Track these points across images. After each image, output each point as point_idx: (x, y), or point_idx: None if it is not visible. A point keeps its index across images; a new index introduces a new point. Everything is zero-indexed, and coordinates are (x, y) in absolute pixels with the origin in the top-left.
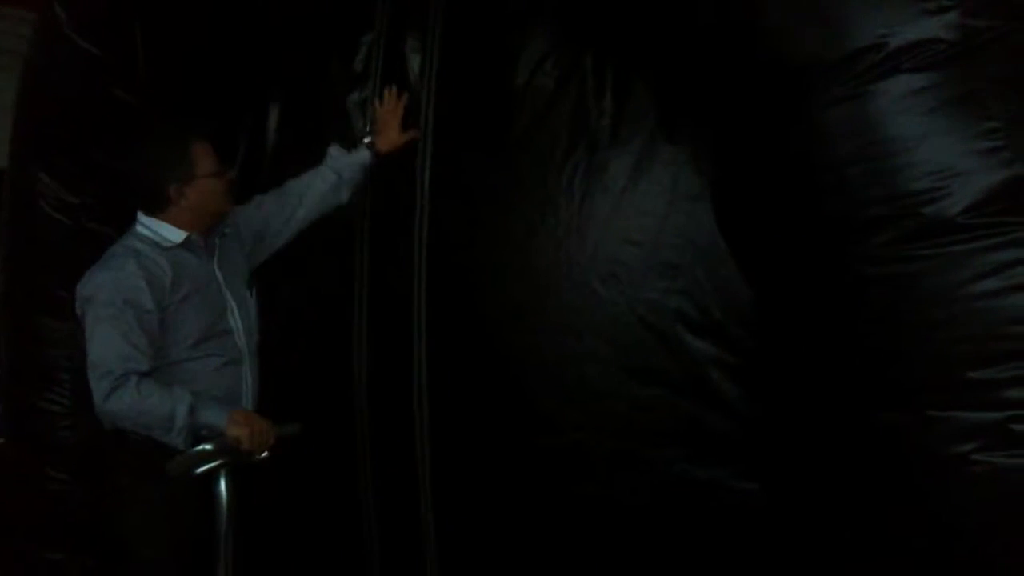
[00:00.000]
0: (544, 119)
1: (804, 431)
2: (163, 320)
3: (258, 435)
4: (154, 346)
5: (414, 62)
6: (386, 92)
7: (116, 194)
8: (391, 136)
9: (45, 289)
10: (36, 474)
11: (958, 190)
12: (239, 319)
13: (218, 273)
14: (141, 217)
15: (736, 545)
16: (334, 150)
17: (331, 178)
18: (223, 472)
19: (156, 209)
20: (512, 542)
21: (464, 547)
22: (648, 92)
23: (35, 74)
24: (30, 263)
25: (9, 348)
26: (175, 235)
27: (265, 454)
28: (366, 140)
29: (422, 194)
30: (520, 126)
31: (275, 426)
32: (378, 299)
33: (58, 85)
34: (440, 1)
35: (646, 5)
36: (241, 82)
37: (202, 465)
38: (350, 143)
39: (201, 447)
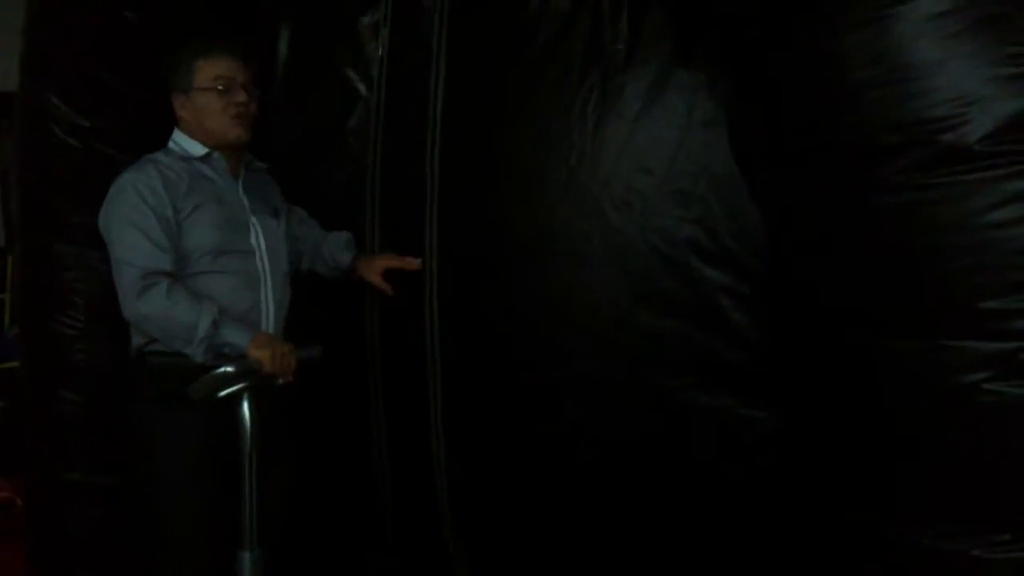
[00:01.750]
0: (558, 43)
1: (814, 360)
2: (180, 225)
3: (279, 358)
4: (174, 250)
5: None
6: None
7: (128, 118)
8: (375, 268)
9: (57, 213)
10: (51, 396)
11: (977, 117)
12: (263, 241)
13: (243, 195)
14: (174, 132)
15: (743, 474)
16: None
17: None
18: (246, 395)
19: (176, 122)
20: (522, 472)
21: (474, 477)
22: (664, 16)
23: None
24: (42, 188)
25: (22, 272)
26: (196, 149)
27: (286, 379)
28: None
29: (434, 120)
30: (534, 49)
31: (296, 349)
32: (389, 232)
33: (68, 7)
34: None
35: None
36: (252, 6)
37: (224, 388)
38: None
39: (223, 369)
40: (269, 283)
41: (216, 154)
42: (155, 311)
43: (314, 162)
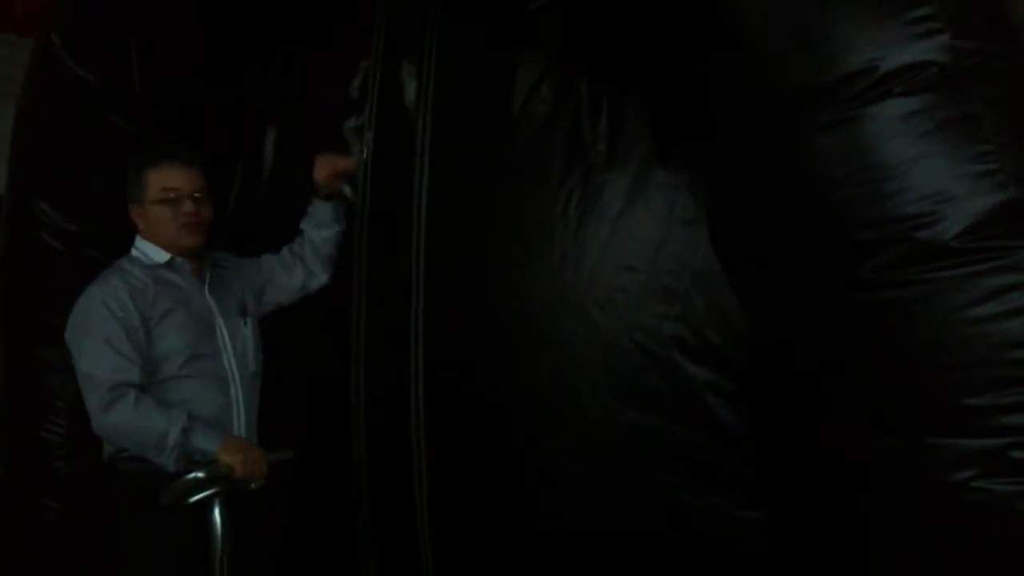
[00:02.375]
0: (539, 144)
1: (801, 457)
2: (149, 333)
3: (251, 463)
4: (142, 358)
5: (410, 88)
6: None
7: (113, 221)
8: (326, 184)
9: (41, 317)
10: (30, 504)
11: (952, 214)
12: (228, 342)
13: (208, 297)
14: (136, 239)
15: (737, 574)
16: (308, 230)
17: (307, 248)
18: (217, 501)
19: (135, 229)
20: (509, 570)
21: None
22: (643, 117)
23: (32, 100)
24: (27, 291)
25: (5, 377)
26: (159, 255)
27: (258, 483)
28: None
29: (418, 221)
30: (515, 151)
31: (267, 453)
32: (374, 322)
33: (54, 111)
34: (435, 27)
35: (639, 31)
36: (238, 105)
37: (196, 494)
38: None
39: (194, 475)
40: (238, 384)
41: (179, 259)
42: (124, 423)
43: None
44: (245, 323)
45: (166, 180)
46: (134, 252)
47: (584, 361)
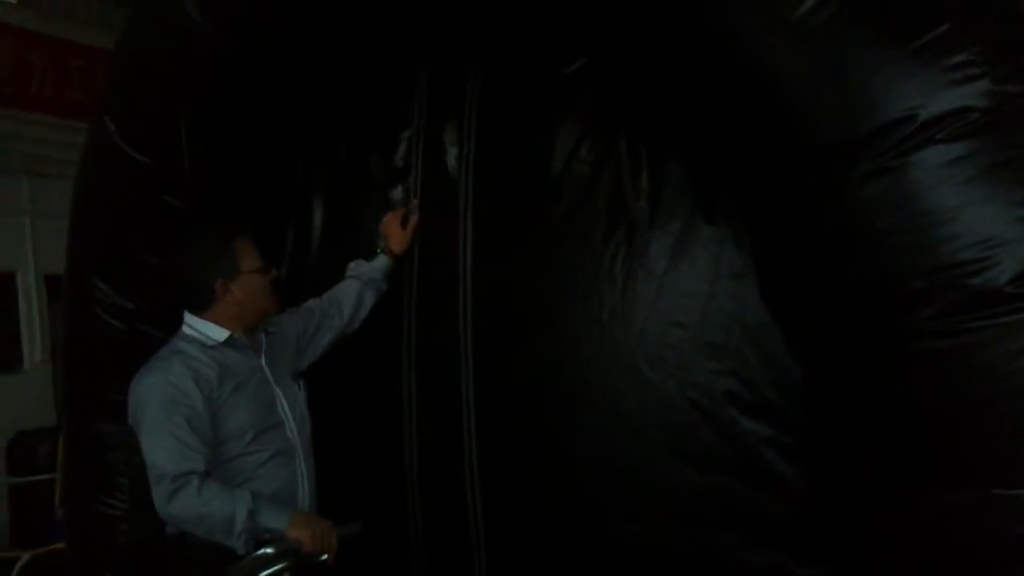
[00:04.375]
0: (582, 205)
1: (863, 512)
2: (215, 415)
3: (320, 537)
4: (208, 444)
5: (452, 155)
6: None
7: (168, 297)
8: (397, 236)
9: (101, 394)
10: None
11: (1004, 259)
12: (289, 412)
13: (265, 368)
14: (187, 318)
15: None
16: (353, 263)
17: (355, 286)
18: None
19: (201, 307)
20: None
21: None
22: (684, 172)
23: (88, 183)
24: (87, 369)
25: (68, 453)
26: (219, 333)
27: (330, 557)
28: (379, 249)
29: (464, 286)
30: (559, 213)
31: (336, 527)
32: (426, 393)
33: (110, 193)
34: (475, 95)
35: (676, 88)
36: (287, 179)
37: (265, 569)
38: None
39: (263, 551)
40: (300, 453)
41: (237, 335)
42: (189, 512)
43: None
44: (300, 387)
45: (252, 250)
46: (188, 331)
47: (637, 418)
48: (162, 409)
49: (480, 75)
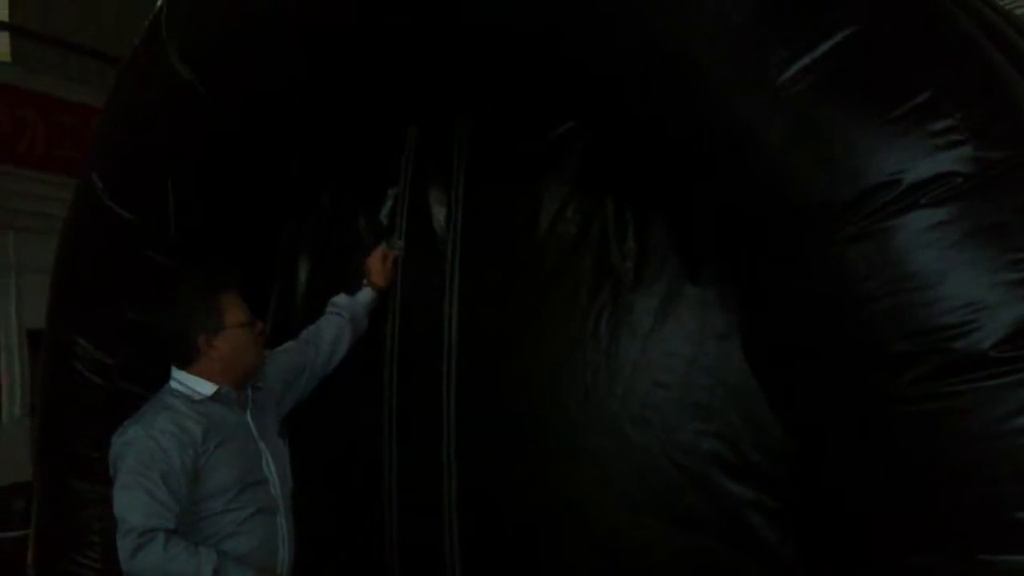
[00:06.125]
0: (568, 264)
1: None
2: (199, 471)
3: None
4: (180, 503)
5: (439, 214)
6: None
7: (150, 353)
8: (378, 269)
9: (78, 450)
10: None
11: (988, 323)
12: (273, 469)
13: (251, 424)
14: (175, 372)
15: None
16: (335, 297)
17: (335, 323)
18: None
19: (188, 362)
20: None
21: None
22: (669, 234)
23: (73, 239)
24: (64, 424)
25: (42, 510)
26: (206, 388)
27: None
28: (364, 282)
29: (449, 343)
30: (544, 272)
31: None
32: (407, 447)
33: (95, 249)
34: (463, 154)
35: (659, 151)
36: (271, 236)
37: None
38: None
39: None
40: (282, 509)
41: (225, 389)
42: (152, 568)
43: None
44: (284, 442)
45: (238, 304)
46: (175, 385)
47: (619, 479)
48: (139, 463)
49: (468, 135)
